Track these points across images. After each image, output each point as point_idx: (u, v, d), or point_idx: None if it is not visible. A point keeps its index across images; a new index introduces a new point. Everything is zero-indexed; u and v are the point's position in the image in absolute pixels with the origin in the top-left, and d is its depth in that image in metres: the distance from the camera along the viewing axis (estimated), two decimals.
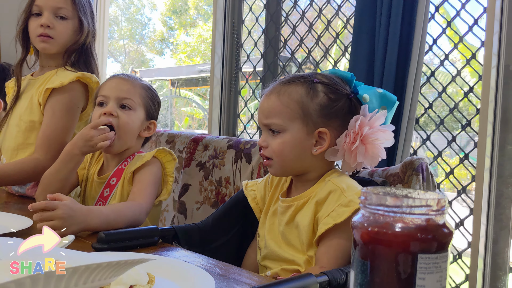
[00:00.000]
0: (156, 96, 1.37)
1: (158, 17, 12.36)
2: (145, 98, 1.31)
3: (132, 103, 1.28)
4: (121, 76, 1.34)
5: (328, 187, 1.01)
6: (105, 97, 1.28)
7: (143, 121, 1.31)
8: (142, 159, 1.25)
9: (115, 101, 1.27)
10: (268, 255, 1.08)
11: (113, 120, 1.25)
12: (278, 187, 1.13)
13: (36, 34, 1.51)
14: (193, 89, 10.06)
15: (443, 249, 0.37)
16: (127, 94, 1.27)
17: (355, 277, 0.39)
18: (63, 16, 1.51)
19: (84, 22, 1.53)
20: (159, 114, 1.40)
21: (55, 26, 1.50)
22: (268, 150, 1.04)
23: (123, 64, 11.97)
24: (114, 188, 1.29)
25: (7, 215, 1.12)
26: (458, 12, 1.64)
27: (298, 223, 1.03)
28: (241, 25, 2.40)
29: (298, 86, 1.04)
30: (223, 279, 0.82)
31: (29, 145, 1.50)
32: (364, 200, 0.39)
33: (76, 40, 1.53)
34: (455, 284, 1.66)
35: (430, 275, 0.36)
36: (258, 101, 2.37)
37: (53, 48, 1.52)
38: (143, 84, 1.34)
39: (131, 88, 1.29)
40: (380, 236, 0.37)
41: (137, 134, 1.32)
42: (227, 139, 1.64)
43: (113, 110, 1.25)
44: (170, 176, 1.30)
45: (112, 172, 1.31)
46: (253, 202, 1.15)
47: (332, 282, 0.75)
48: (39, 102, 1.50)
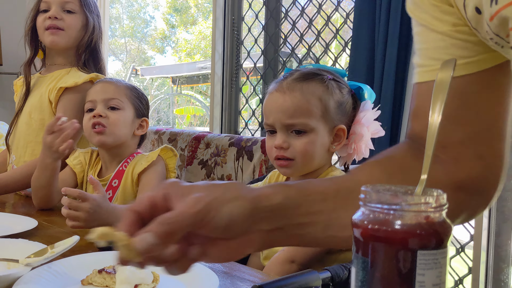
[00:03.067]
0: (142, 94, 1.39)
1: (160, 15, 12.36)
2: (131, 97, 1.33)
3: (119, 103, 1.30)
4: (104, 80, 1.37)
5: None
6: (92, 102, 1.30)
7: (133, 119, 1.33)
8: (147, 159, 1.26)
9: (102, 103, 1.29)
10: (269, 255, 1.08)
11: (102, 120, 1.26)
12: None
13: (44, 27, 1.51)
14: (194, 86, 10.06)
15: (442, 245, 0.37)
16: (113, 95, 1.30)
17: (356, 273, 0.40)
18: (70, 10, 1.53)
19: (89, 18, 1.55)
20: (150, 112, 1.43)
21: (63, 18, 1.51)
22: (290, 151, 1.00)
23: (124, 62, 11.98)
24: (117, 190, 1.29)
25: (13, 216, 1.13)
26: None
27: None
28: (241, 22, 2.41)
29: (317, 84, 1.01)
30: (227, 276, 0.83)
31: (38, 143, 1.51)
32: (364, 198, 0.39)
33: (83, 36, 1.54)
34: (458, 277, 1.66)
35: (430, 271, 0.37)
36: (259, 97, 2.38)
37: (62, 40, 1.52)
38: (127, 84, 1.37)
39: (116, 89, 1.32)
40: (379, 233, 0.38)
41: (131, 132, 1.33)
42: (228, 136, 1.64)
43: (102, 112, 1.27)
44: (172, 172, 1.32)
45: (113, 174, 1.31)
46: None
47: (334, 278, 0.76)
48: (49, 100, 1.51)
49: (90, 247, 0.95)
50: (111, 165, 1.34)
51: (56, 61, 1.58)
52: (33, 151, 1.51)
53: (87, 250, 0.92)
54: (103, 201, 1.03)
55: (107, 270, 0.74)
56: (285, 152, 1.00)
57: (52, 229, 1.09)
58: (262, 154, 1.48)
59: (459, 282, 1.66)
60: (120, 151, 1.32)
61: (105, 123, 1.26)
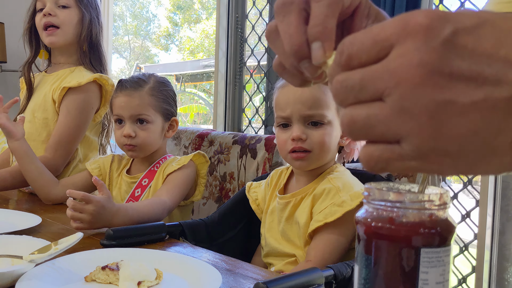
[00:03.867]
0: (168, 91, 1.34)
1: (163, 13, 12.35)
2: (157, 104, 1.29)
3: (147, 117, 1.28)
4: (127, 91, 1.29)
5: (325, 184, 1.01)
6: (119, 116, 1.29)
7: (163, 125, 1.32)
8: (179, 162, 1.27)
9: (130, 120, 1.27)
10: (270, 252, 1.09)
11: (132, 141, 1.26)
12: (276, 185, 1.13)
13: (41, 26, 1.52)
14: (198, 84, 10.06)
15: (445, 243, 0.37)
16: (139, 110, 1.27)
17: (359, 271, 0.40)
18: (65, 5, 1.52)
19: (84, 12, 1.54)
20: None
21: (57, 14, 1.51)
22: (308, 143, 1.00)
23: (128, 60, 11.99)
24: (146, 189, 1.30)
25: (16, 213, 1.13)
26: (462, 3, 1.63)
27: (297, 219, 1.04)
28: (245, 20, 2.40)
29: None
30: (230, 274, 0.83)
31: (41, 142, 1.52)
32: (368, 195, 0.39)
33: (80, 30, 1.54)
34: (462, 276, 1.66)
35: (433, 269, 0.37)
36: (263, 95, 2.38)
37: (60, 39, 1.52)
38: (151, 87, 1.30)
39: (141, 102, 1.27)
40: (383, 231, 0.38)
41: (161, 138, 1.32)
42: (232, 134, 1.64)
43: (131, 132, 1.26)
44: (202, 178, 1.32)
45: (144, 173, 1.32)
46: (254, 204, 1.16)
47: (337, 276, 0.76)
48: (53, 99, 1.51)
49: (94, 244, 0.95)
50: (142, 165, 1.35)
51: (60, 60, 1.59)
52: (35, 149, 1.52)
53: (91, 247, 0.93)
54: (107, 202, 1.03)
55: (111, 267, 0.74)
56: (303, 144, 1.00)
57: (55, 226, 1.10)
58: (266, 152, 1.48)
59: (462, 281, 1.66)
60: (152, 154, 1.33)
61: (135, 143, 1.27)
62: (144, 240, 0.98)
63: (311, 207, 1.01)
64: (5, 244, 0.84)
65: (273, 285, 0.66)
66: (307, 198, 1.03)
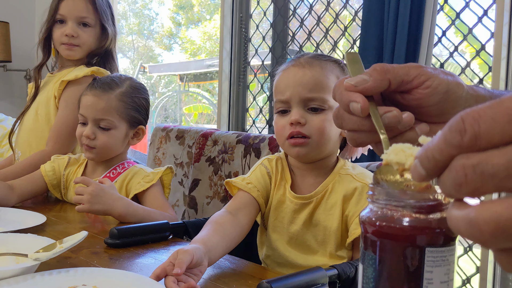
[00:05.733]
0: (140, 98, 1.32)
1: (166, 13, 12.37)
2: (124, 111, 1.28)
3: (109, 123, 1.27)
4: (96, 91, 1.28)
5: (350, 182, 0.96)
6: (83, 116, 1.28)
7: (126, 132, 1.31)
8: (147, 179, 1.25)
9: (92, 122, 1.27)
10: (274, 257, 1.02)
11: (91, 143, 1.26)
12: (282, 177, 1.03)
13: (60, 42, 1.56)
14: (201, 84, 10.07)
15: (450, 243, 0.37)
16: (102, 114, 1.26)
17: (364, 270, 0.40)
18: (87, 23, 1.55)
19: (108, 29, 1.58)
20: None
21: (79, 35, 1.55)
22: (307, 128, 0.94)
23: (132, 59, 12.01)
24: None
25: (22, 212, 1.14)
26: (467, 3, 1.62)
27: (321, 222, 0.97)
28: (249, 19, 2.40)
29: (333, 64, 0.99)
30: (234, 273, 0.83)
31: (44, 138, 1.54)
32: (372, 194, 0.39)
33: (99, 45, 1.58)
34: (466, 276, 1.65)
35: (438, 268, 0.37)
36: (267, 95, 2.38)
37: (77, 54, 1.57)
38: (122, 92, 1.28)
39: (106, 106, 1.26)
40: (387, 230, 0.38)
41: (123, 145, 1.32)
42: (236, 134, 1.65)
43: (91, 134, 1.26)
44: (167, 188, 1.31)
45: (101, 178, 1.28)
46: (260, 198, 1.02)
47: (341, 276, 0.76)
48: (54, 95, 1.54)
49: (98, 242, 0.96)
50: (99, 169, 1.34)
51: (68, 64, 1.63)
52: (39, 145, 1.53)
53: (95, 246, 0.93)
54: (109, 187, 1.11)
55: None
56: (302, 128, 0.94)
57: (60, 225, 1.10)
58: (270, 152, 1.48)
59: (466, 282, 1.65)
60: (110, 159, 1.33)
61: (93, 145, 1.27)
62: (148, 239, 0.98)
63: (342, 209, 0.95)
64: (10, 243, 0.84)
65: (277, 284, 0.66)
66: (328, 198, 0.97)
